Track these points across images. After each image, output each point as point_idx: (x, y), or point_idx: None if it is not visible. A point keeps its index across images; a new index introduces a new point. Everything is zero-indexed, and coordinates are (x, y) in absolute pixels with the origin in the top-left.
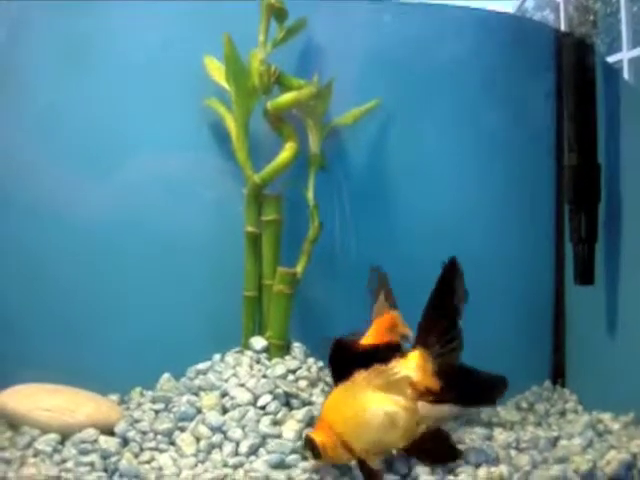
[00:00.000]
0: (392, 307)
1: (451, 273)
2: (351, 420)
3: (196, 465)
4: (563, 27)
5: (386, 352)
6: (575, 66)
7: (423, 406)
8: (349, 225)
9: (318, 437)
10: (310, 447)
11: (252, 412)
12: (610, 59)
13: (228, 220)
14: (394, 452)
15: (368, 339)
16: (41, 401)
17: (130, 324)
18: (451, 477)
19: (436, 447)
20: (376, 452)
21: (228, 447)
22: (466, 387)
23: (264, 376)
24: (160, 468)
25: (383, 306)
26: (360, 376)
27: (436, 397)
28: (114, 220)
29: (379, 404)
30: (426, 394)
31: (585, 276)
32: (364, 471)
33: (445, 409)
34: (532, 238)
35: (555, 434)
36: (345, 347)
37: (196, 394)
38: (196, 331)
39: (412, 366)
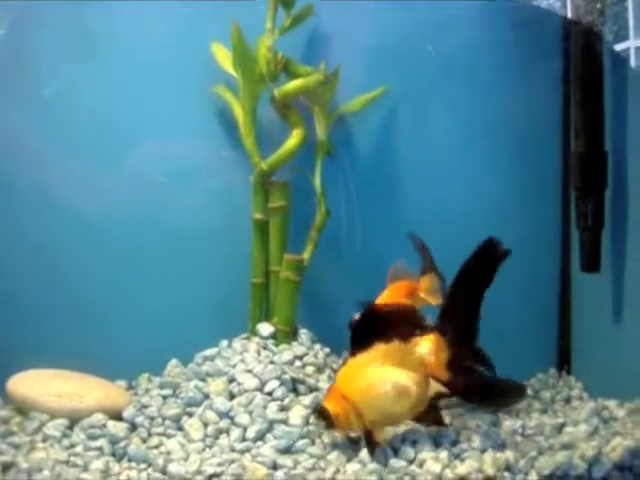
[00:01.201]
0: (431, 273)
1: (490, 256)
2: (365, 391)
3: (204, 450)
4: (570, 15)
5: (407, 329)
6: (582, 54)
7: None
8: (356, 212)
9: (331, 406)
10: (323, 417)
11: (259, 398)
12: (617, 47)
13: (235, 207)
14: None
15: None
16: (50, 386)
17: (137, 311)
18: (457, 462)
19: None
20: (385, 423)
21: (235, 432)
22: (477, 389)
23: (271, 362)
24: (168, 453)
25: (400, 272)
26: (377, 349)
27: (444, 384)
28: (123, 209)
29: (393, 378)
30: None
31: (591, 263)
32: (369, 441)
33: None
34: (538, 225)
35: (561, 421)
36: (372, 316)
37: (203, 380)
38: (203, 317)
39: (427, 350)
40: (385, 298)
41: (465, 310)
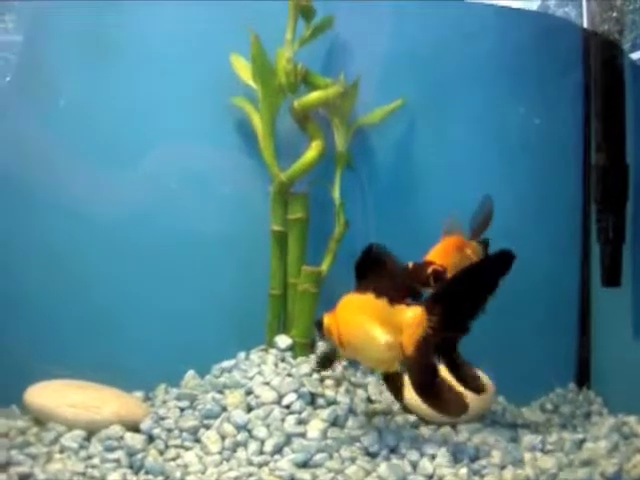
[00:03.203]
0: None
1: (502, 267)
2: (348, 324)
3: (221, 463)
4: (586, 24)
5: (400, 292)
6: (603, 65)
7: None
8: (374, 224)
9: (327, 320)
10: (319, 327)
11: (277, 411)
12: (633, 56)
13: (254, 219)
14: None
15: (433, 255)
16: (67, 397)
17: (155, 321)
18: (477, 479)
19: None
20: (353, 357)
21: (253, 445)
22: (423, 385)
23: (289, 375)
24: (185, 465)
25: (453, 227)
26: (370, 299)
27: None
28: (141, 219)
29: (373, 328)
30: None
31: (612, 277)
32: (330, 353)
33: None
34: (558, 238)
35: (580, 436)
36: (378, 256)
37: (221, 392)
38: (221, 329)
39: (408, 319)
40: (438, 250)
41: (457, 303)
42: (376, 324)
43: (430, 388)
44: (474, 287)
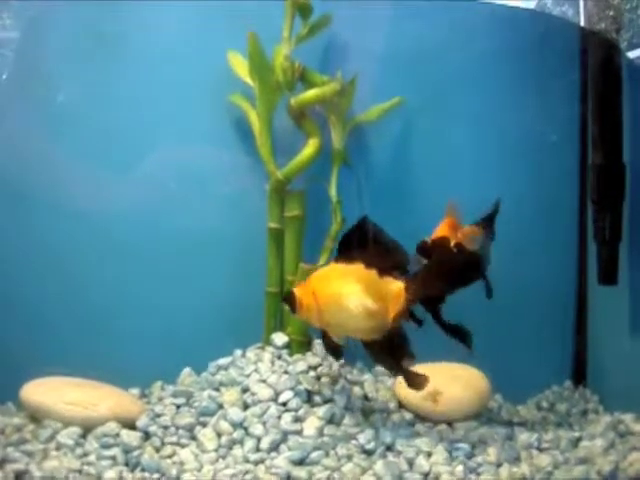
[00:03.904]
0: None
1: (477, 267)
2: (331, 295)
3: (217, 460)
4: (582, 22)
5: (388, 265)
6: (600, 64)
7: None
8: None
9: (299, 293)
10: (289, 301)
11: (273, 408)
12: (630, 54)
13: (251, 216)
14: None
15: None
16: (64, 394)
17: (152, 319)
18: (473, 476)
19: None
20: (337, 331)
21: (249, 443)
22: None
23: (285, 372)
24: (181, 463)
25: (451, 210)
26: (356, 268)
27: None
28: (137, 216)
29: (357, 296)
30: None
31: (608, 276)
32: (326, 342)
33: None
34: (555, 237)
35: (577, 434)
36: (366, 232)
37: (217, 389)
38: (217, 326)
39: (392, 291)
40: (442, 228)
41: (435, 287)
42: (360, 291)
43: (399, 358)
44: (446, 279)
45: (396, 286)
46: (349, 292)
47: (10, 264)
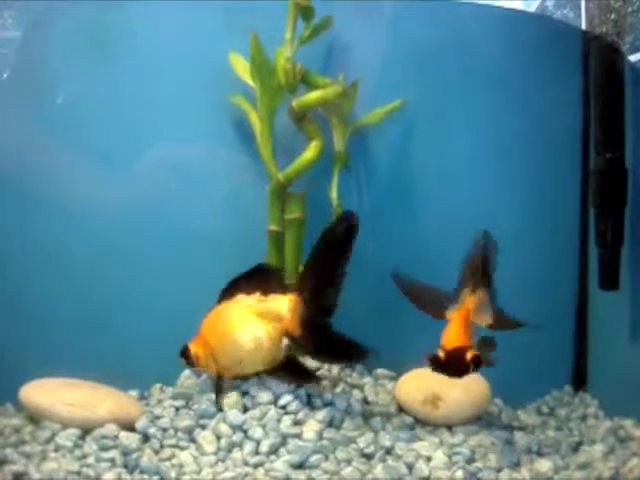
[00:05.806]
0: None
1: (344, 233)
2: (221, 337)
3: (216, 463)
4: (584, 25)
5: (269, 287)
6: (602, 68)
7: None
8: (372, 224)
9: (193, 347)
10: (185, 355)
11: (273, 411)
12: (632, 58)
13: (251, 218)
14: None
15: (454, 337)
16: (63, 395)
17: (151, 320)
18: None
19: (294, 372)
20: (237, 371)
21: (249, 446)
22: (326, 345)
23: None
24: (181, 465)
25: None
26: (240, 300)
27: (295, 341)
28: (137, 216)
29: (249, 328)
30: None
31: (610, 281)
32: (217, 384)
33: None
34: (556, 242)
35: (577, 439)
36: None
37: None
38: None
39: (285, 306)
40: (455, 331)
41: (321, 276)
42: (252, 322)
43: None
44: (328, 258)
45: (288, 298)
46: (237, 326)
47: (10, 264)
